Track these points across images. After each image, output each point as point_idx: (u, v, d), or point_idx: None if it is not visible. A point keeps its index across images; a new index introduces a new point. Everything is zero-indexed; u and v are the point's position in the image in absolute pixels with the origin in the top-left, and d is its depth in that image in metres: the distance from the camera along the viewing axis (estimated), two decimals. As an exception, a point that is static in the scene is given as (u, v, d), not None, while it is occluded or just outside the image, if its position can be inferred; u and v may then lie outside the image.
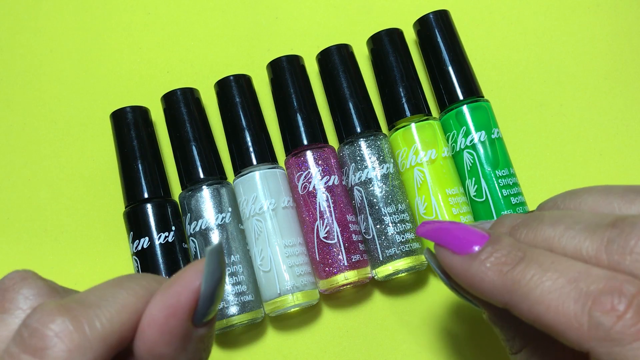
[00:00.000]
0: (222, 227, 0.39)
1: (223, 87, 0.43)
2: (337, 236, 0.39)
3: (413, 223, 0.40)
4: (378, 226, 0.39)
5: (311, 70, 0.45)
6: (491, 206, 0.40)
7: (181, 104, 0.42)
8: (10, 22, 0.51)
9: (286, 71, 0.43)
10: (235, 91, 0.43)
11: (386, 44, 0.43)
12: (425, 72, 0.46)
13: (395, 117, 0.42)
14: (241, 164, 0.41)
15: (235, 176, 0.42)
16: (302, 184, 0.40)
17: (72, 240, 0.44)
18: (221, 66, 0.48)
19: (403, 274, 0.41)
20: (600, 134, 0.45)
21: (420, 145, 0.41)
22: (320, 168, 0.40)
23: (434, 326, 0.41)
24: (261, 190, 0.40)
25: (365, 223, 0.40)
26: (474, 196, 0.41)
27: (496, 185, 0.40)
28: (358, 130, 0.41)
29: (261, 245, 0.39)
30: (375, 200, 0.40)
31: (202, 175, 0.41)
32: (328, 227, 0.39)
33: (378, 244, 0.39)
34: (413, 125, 0.42)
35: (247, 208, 0.40)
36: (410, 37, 0.46)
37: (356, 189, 0.40)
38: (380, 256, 0.39)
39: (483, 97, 0.43)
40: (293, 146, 0.41)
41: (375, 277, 0.40)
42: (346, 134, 0.42)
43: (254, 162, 0.41)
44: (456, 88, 0.42)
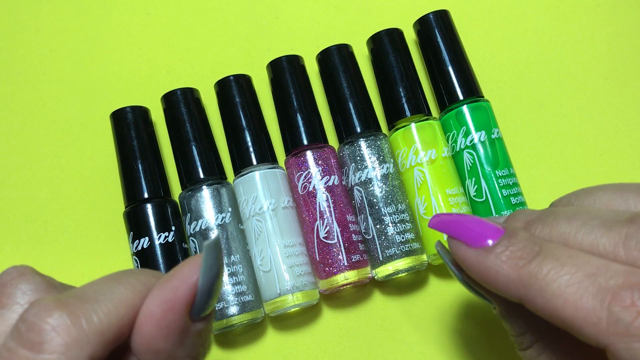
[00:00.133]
0: (222, 227, 0.39)
1: (223, 87, 0.43)
2: (337, 236, 0.39)
3: (413, 223, 0.40)
4: (378, 226, 0.39)
5: (311, 70, 0.45)
6: (491, 206, 0.40)
7: (181, 104, 0.42)
8: (10, 22, 0.51)
9: (286, 71, 0.43)
10: (235, 91, 0.43)
11: (386, 44, 0.43)
12: (425, 72, 0.46)
13: (395, 117, 0.42)
14: (241, 164, 0.41)
15: (235, 176, 0.42)
16: (302, 184, 0.40)
17: (72, 240, 0.44)
18: (221, 66, 0.48)
19: (403, 274, 0.41)
20: (600, 134, 0.45)
21: (420, 145, 0.41)
22: (320, 168, 0.40)
23: (434, 326, 0.41)
24: (261, 190, 0.40)
25: (365, 223, 0.40)
26: (474, 196, 0.41)
27: (496, 185, 0.40)
28: (358, 130, 0.41)
29: (261, 245, 0.39)
30: (375, 200, 0.40)
31: (202, 175, 0.41)
32: (328, 227, 0.39)
33: (378, 244, 0.39)
34: (413, 125, 0.42)
35: (247, 208, 0.40)
36: (410, 37, 0.46)
37: (356, 189, 0.40)
38: (380, 256, 0.39)
39: (483, 97, 0.43)
40: (293, 146, 0.41)
41: (375, 277, 0.40)
42: (346, 134, 0.42)
43: (254, 162, 0.41)
44: (456, 88, 0.42)
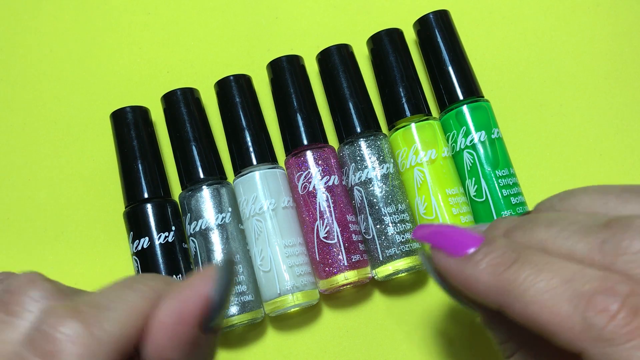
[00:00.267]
0: (222, 227, 0.39)
1: (223, 87, 0.43)
2: (337, 236, 0.39)
3: (413, 223, 0.40)
4: (378, 226, 0.39)
5: (311, 70, 0.45)
6: (491, 206, 0.40)
7: (181, 104, 0.42)
8: (10, 22, 0.51)
9: (286, 71, 0.43)
10: (235, 91, 0.43)
11: (386, 44, 0.43)
12: (425, 72, 0.46)
13: (395, 117, 0.42)
14: (241, 164, 0.41)
15: (235, 176, 0.42)
16: (302, 184, 0.40)
17: (72, 240, 0.44)
18: (221, 66, 0.48)
19: (403, 274, 0.41)
20: (600, 134, 0.45)
21: (420, 145, 0.41)
22: (320, 168, 0.40)
23: (434, 326, 0.41)
24: (261, 190, 0.40)
25: (365, 223, 0.40)
26: (474, 196, 0.41)
27: (496, 185, 0.40)
28: (358, 130, 0.41)
29: (261, 245, 0.39)
30: (375, 200, 0.40)
31: (202, 175, 0.41)
32: (328, 227, 0.39)
33: (378, 244, 0.39)
34: (413, 125, 0.42)
35: (247, 208, 0.40)
36: (410, 37, 0.46)
37: (356, 189, 0.40)
38: (380, 256, 0.39)
39: (483, 97, 0.43)
40: (293, 146, 0.41)
41: (375, 277, 0.40)
42: (346, 134, 0.42)
43: (254, 162, 0.41)
44: (456, 88, 0.42)
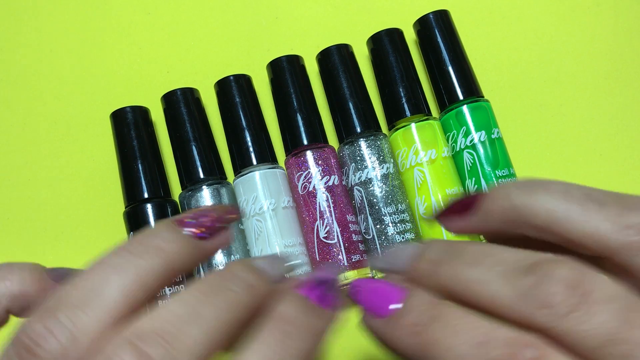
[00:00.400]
0: (222, 227, 0.39)
1: (223, 87, 0.43)
2: (337, 236, 0.39)
3: (413, 223, 0.40)
4: (378, 226, 0.39)
5: (311, 70, 0.45)
6: (491, 206, 0.40)
7: (181, 104, 0.42)
8: (10, 22, 0.51)
9: (286, 71, 0.43)
10: (235, 91, 0.43)
11: (386, 44, 0.43)
12: (425, 72, 0.46)
13: (395, 117, 0.42)
14: (241, 164, 0.41)
15: (235, 176, 0.42)
16: (302, 184, 0.40)
17: (72, 240, 0.44)
18: (221, 66, 0.48)
19: (403, 274, 0.41)
20: (600, 134, 0.45)
21: (420, 145, 0.41)
22: (320, 168, 0.40)
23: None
24: (261, 190, 0.40)
25: (365, 223, 0.40)
26: (474, 196, 0.41)
27: (496, 185, 0.40)
28: (358, 130, 0.41)
29: (261, 245, 0.39)
30: (375, 200, 0.40)
31: (202, 175, 0.41)
32: (328, 227, 0.39)
33: (378, 244, 0.39)
34: (413, 125, 0.42)
35: (247, 208, 0.40)
36: (410, 37, 0.46)
37: (356, 189, 0.40)
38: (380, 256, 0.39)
39: (483, 97, 0.43)
40: (293, 146, 0.41)
41: (375, 277, 0.40)
42: (346, 134, 0.42)
43: (254, 162, 0.41)
44: (456, 88, 0.42)
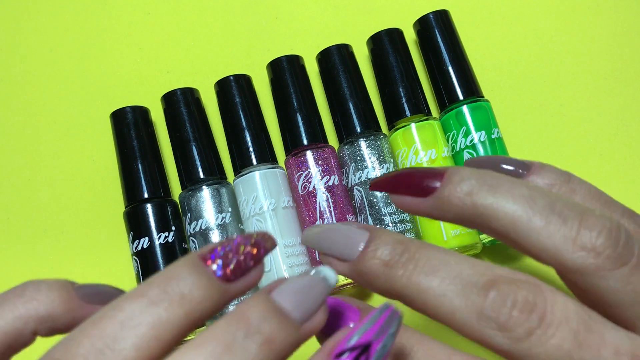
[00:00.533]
0: (222, 227, 0.39)
1: (223, 87, 0.43)
2: (337, 236, 0.39)
3: (413, 223, 0.40)
4: (378, 226, 0.39)
5: (311, 70, 0.45)
6: (491, 206, 0.40)
7: (181, 104, 0.42)
8: (10, 22, 0.51)
9: (286, 71, 0.43)
10: (235, 91, 0.43)
11: (386, 44, 0.43)
12: (425, 72, 0.46)
13: (395, 117, 0.42)
14: (241, 164, 0.41)
15: (235, 176, 0.42)
16: (302, 184, 0.40)
17: (72, 240, 0.44)
18: (221, 66, 0.48)
19: (403, 274, 0.41)
20: (600, 134, 0.45)
21: (420, 145, 0.41)
22: (320, 168, 0.40)
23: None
24: (261, 190, 0.40)
25: (365, 223, 0.40)
26: (474, 196, 0.41)
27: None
28: (358, 130, 0.41)
29: (261, 245, 0.39)
30: (375, 200, 0.40)
31: (202, 175, 0.41)
32: (328, 227, 0.39)
33: (378, 244, 0.39)
34: (413, 125, 0.42)
35: (247, 208, 0.40)
36: (410, 37, 0.46)
37: (356, 189, 0.40)
38: (380, 256, 0.39)
39: (483, 97, 0.43)
40: (293, 146, 0.41)
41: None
42: (346, 134, 0.42)
43: (254, 162, 0.41)
44: (456, 88, 0.42)
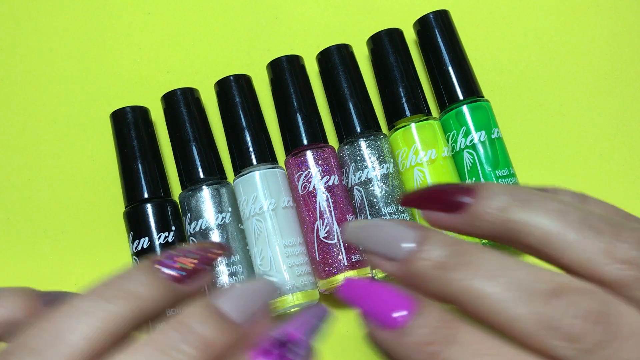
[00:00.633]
0: (222, 227, 0.39)
1: (223, 87, 0.43)
2: (337, 236, 0.39)
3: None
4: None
5: (311, 70, 0.45)
6: (491, 206, 0.40)
7: (181, 104, 0.42)
8: (10, 22, 0.51)
9: (286, 71, 0.43)
10: (235, 91, 0.43)
11: (386, 44, 0.43)
12: (425, 72, 0.46)
13: (395, 117, 0.42)
14: (241, 164, 0.41)
15: (235, 176, 0.42)
16: (302, 184, 0.40)
17: (72, 240, 0.44)
18: (221, 66, 0.48)
19: (403, 274, 0.41)
20: (600, 134, 0.45)
21: (420, 145, 0.41)
22: (320, 168, 0.40)
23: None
24: (261, 190, 0.40)
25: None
26: (474, 196, 0.41)
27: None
28: (358, 130, 0.41)
29: (261, 245, 0.39)
30: (375, 200, 0.40)
31: (202, 175, 0.41)
32: (328, 227, 0.39)
33: (378, 244, 0.39)
34: (413, 125, 0.42)
35: (247, 208, 0.40)
36: (410, 37, 0.46)
37: (356, 189, 0.40)
38: (380, 256, 0.39)
39: (483, 97, 0.43)
40: (293, 146, 0.41)
41: (375, 277, 0.40)
42: (346, 134, 0.42)
43: (254, 162, 0.41)
44: (456, 88, 0.42)
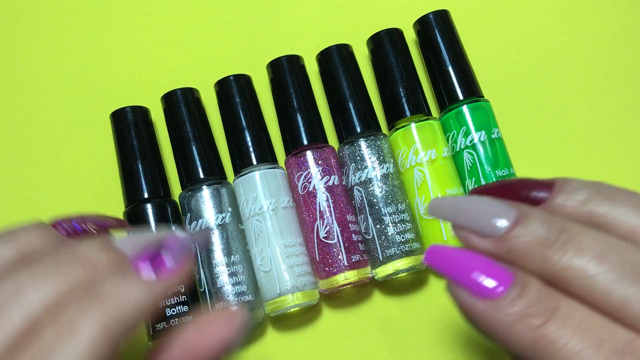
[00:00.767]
0: (222, 227, 0.39)
1: (223, 87, 0.43)
2: (337, 236, 0.39)
3: (413, 223, 0.40)
4: (378, 226, 0.39)
5: (311, 70, 0.45)
6: (491, 206, 0.40)
7: (181, 104, 0.42)
8: (10, 22, 0.51)
9: (286, 71, 0.43)
10: (235, 91, 0.43)
11: (386, 44, 0.43)
12: (425, 72, 0.46)
13: (395, 117, 0.42)
14: (241, 164, 0.41)
15: (235, 176, 0.42)
16: (302, 184, 0.40)
17: (72, 240, 0.44)
18: (221, 66, 0.48)
19: (403, 274, 0.41)
20: (600, 134, 0.45)
21: (420, 145, 0.41)
22: (320, 168, 0.40)
23: (434, 326, 0.41)
24: (261, 190, 0.40)
25: (365, 223, 0.40)
26: (474, 196, 0.41)
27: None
28: (358, 130, 0.41)
29: (261, 245, 0.39)
30: (375, 200, 0.40)
31: (202, 175, 0.41)
32: (328, 227, 0.39)
33: (378, 244, 0.39)
34: (413, 125, 0.42)
35: (247, 208, 0.40)
36: (410, 37, 0.46)
37: (356, 189, 0.40)
38: (380, 256, 0.39)
39: (483, 97, 0.43)
40: (293, 146, 0.41)
41: (375, 277, 0.40)
42: (346, 134, 0.42)
43: (254, 162, 0.41)
44: (456, 88, 0.42)
